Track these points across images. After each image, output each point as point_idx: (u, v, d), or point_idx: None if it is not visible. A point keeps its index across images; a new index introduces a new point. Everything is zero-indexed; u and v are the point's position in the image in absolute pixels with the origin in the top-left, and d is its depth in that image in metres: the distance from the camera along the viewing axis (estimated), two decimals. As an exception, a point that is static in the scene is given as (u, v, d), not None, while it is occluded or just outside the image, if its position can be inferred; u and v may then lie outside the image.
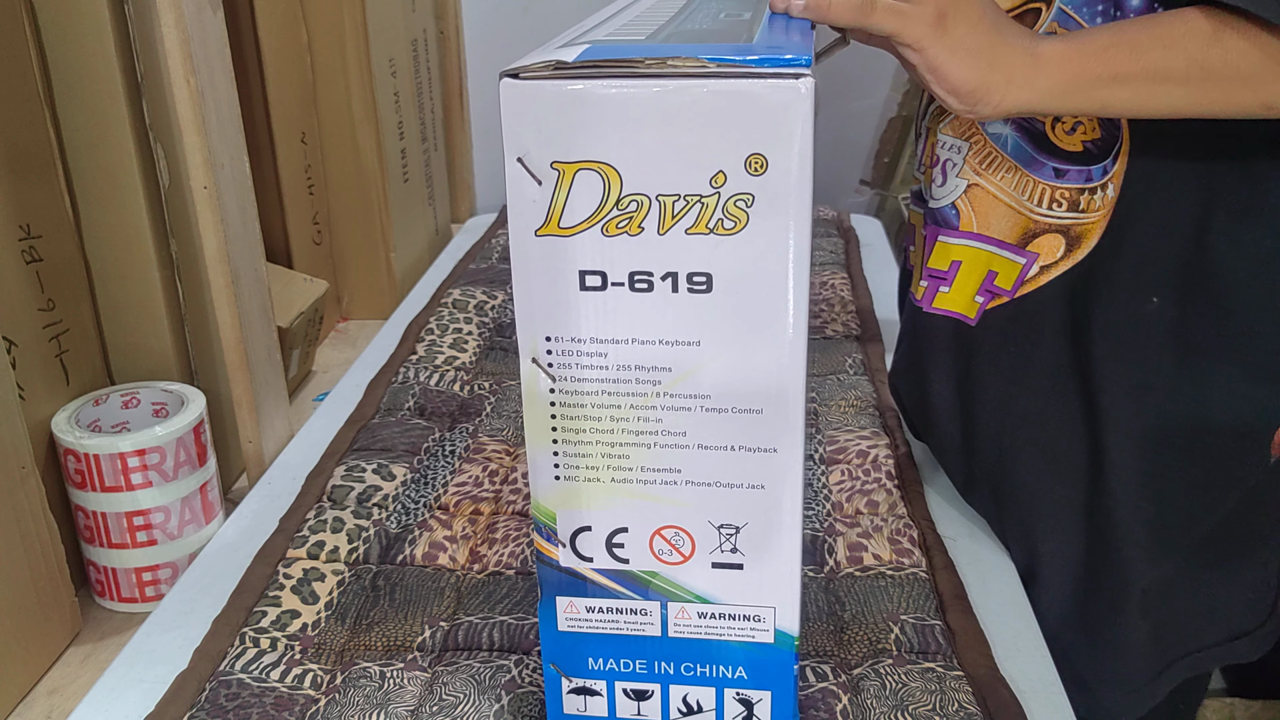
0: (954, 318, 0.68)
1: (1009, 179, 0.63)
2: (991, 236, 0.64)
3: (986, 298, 0.66)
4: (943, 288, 0.68)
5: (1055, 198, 0.61)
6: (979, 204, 0.64)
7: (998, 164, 0.63)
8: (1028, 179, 0.62)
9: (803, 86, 0.38)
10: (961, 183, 0.65)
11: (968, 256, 0.66)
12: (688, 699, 0.51)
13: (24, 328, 0.68)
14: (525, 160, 0.41)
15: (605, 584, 0.48)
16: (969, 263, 0.66)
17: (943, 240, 0.66)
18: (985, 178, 0.64)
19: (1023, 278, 0.64)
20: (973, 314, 0.67)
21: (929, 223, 0.68)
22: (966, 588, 0.66)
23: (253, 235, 0.81)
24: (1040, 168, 0.62)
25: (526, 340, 0.44)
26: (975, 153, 0.64)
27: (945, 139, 0.66)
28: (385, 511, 0.74)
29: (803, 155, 0.40)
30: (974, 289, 0.66)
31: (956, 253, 0.66)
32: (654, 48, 0.41)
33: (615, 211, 0.41)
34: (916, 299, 0.70)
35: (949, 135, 0.66)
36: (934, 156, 0.67)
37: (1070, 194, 0.61)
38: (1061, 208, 0.61)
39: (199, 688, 0.58)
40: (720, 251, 0.41)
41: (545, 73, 0.39)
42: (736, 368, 0.43)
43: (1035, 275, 0.63)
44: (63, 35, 0.70)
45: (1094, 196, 0.60)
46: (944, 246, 0.66)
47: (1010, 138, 0.62)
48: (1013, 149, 0.62)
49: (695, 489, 0.46)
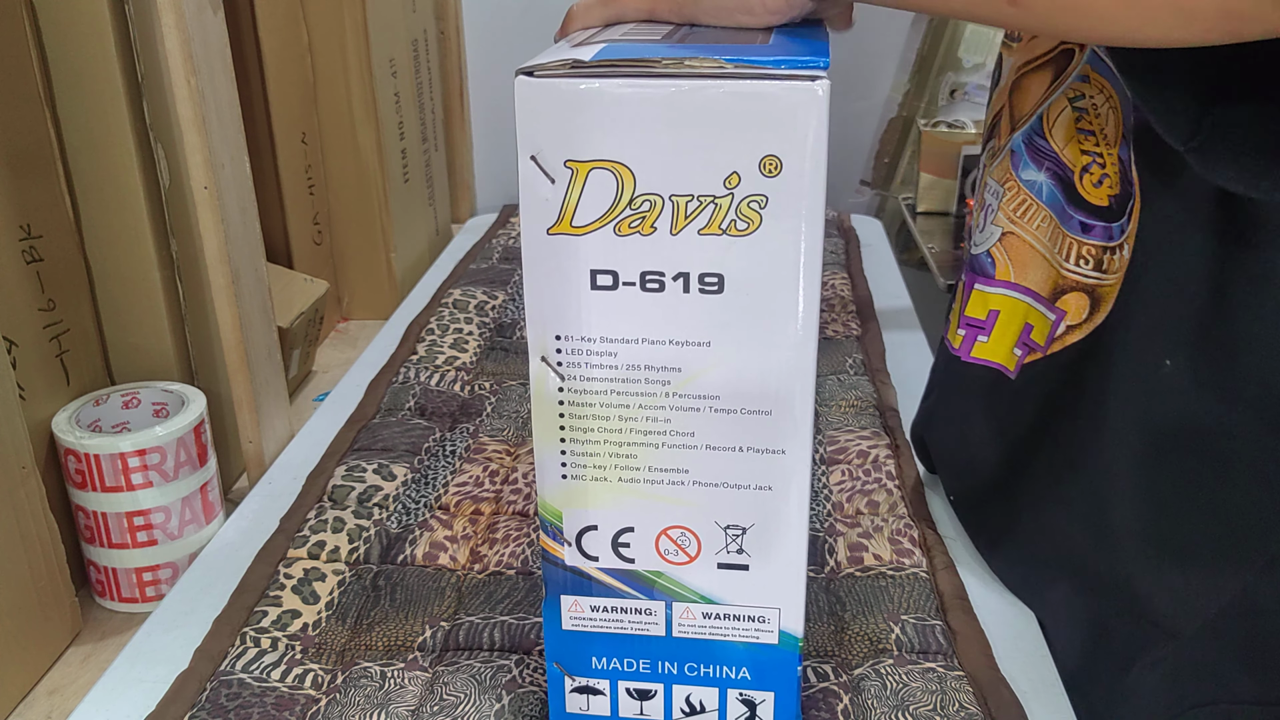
0: (994, 368, 0.65)
1: (1044, 229, 0.60)
2: (1028, 287, 0.62)
3: (1024, 350, 0.63)
4: (981, 337, 0.65)
5: (1082, 254, 0.58)
6: (1014, 253, 0.62)
7: (1032, 212, 0.60)
8: (1059, 231, 0.59)
9: (819, 88, 0.38)
10: (997, 230, 0.62)
11: (1006, 307, 0.63)
12: (691, 699, 0.51)
13: (24, 328, 0.68)
14: (538, 159, 0.40)
15: (610, 583, 0.48)
16: (1007, 313, 0.63)
17: (979, 289, 0.64)
18: (1020, 226, 0.61)
19: (1052, 335, 0.60)
20: (1012, 365, 0.63)
21: (967, 269, 0.65)
22: (967, 588, 0.66)
23: (253, 235, 0.81)
24: (1069, 220, 0.59)
25: (536, 339, 0.44)
26: (1009, 199, 0.61)
27: (990, 183, 0.64)
28: (386, 511, 0.74)
29: (816, 157, 0.40)
30: (1012, 340, 0.63)
31: (994, 302, 0.63)
32: (671, 48, 0.41)
33: (628, 211, 0.41)
34: (954, 347, 0.66)
35: (993, 180, 0.63)
36: (981, 200, 0.65)
37: (1095, 251, 0.58)
38: (1088, 265, 0.58)
39: (199, 687, 0.58)
40: (732, 252, 0.41)
41: (561, 71, 0.39)
42: (746, 369, 0.43)
43: (1063, 334, 0.60)
44: (63, 35, 0.70)
45: (1114, 256, 0.57)
46: (981, 295, 0.64)
47: (1045, 185, 0.60)
48: (1048, 197, 0.60)
49: (702, 489, 0.46)
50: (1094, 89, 0.57)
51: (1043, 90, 0.60)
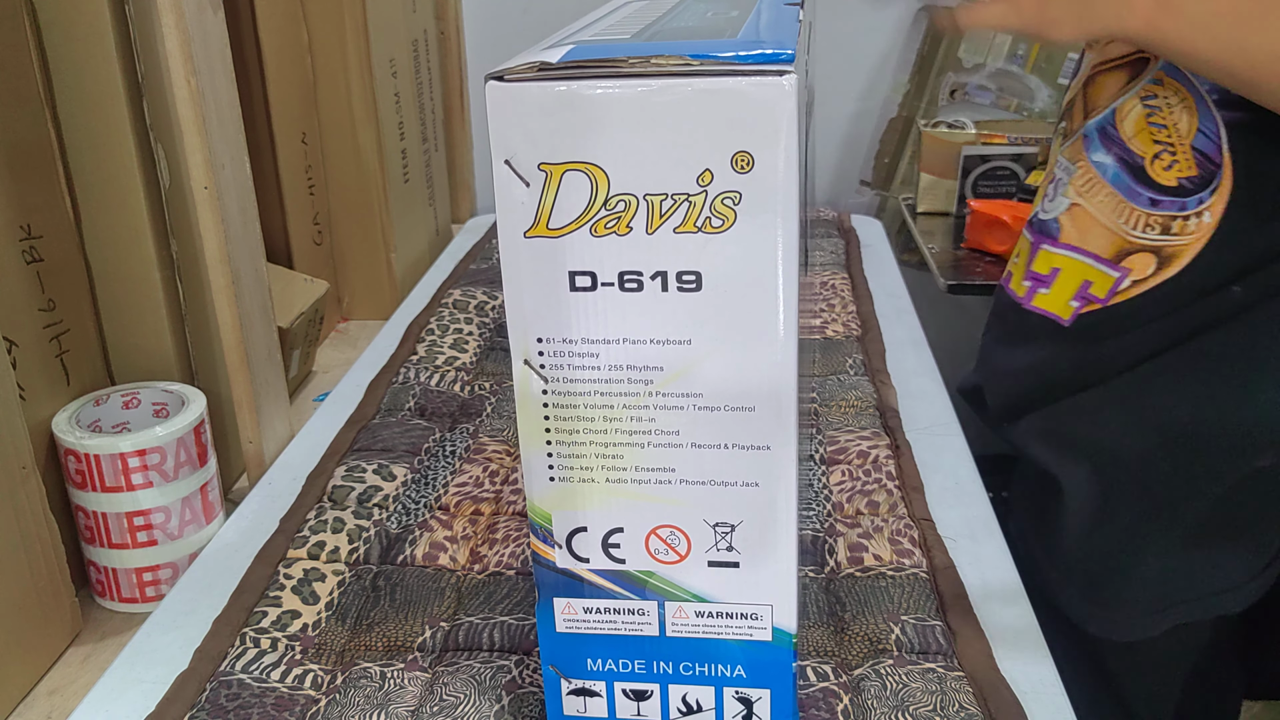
0: (1049, 317, 0.75)
1: (1107, 203, 0.70)
2: (1090, 250, 0.72)
3: (1081, 303, 0.73)
4: (1041, 289, 0.75)
5: (1149, 223, 0.69)
6: (1079, 221, 0.72)
7: (1097, 189, 0.71)
8: (1124, 205, 0.69)
9: (786, 83, 0.38)
10: (1065, 201, 0.73)
11: (1067, 265, 0.73)
12: (687, 698, 0.51)
13: (24, 328, 0.68)
14: (512, 162, 0.41)
15: (602, 584, 0.48)
16: (1067, 271, 0.73)
17: (1045, 249, 0.75)
18: (1086, 199, 0.72)
19: (1115, 289, 0.71)
20: (1067, 315, 0.74)
21: (1034, 230, 0.76)
22: (967, 588, 0.66)
23: (253, 235, 0.81)
24: (1137, 197, 0.69)
25: (518, 342, 0.44)
26: (1079, 176, 0.72)
27: (1061, 160, 0.74)
28: (386, 512, 0.75)
29: (789, 152, 0.40)
30: (1070, 294, 0.74)
31: (1057, 261, 0.74)
32: (637, 46, 0.41)
33: (603, 212, 0.41)
34: (1017, 296, 0.77)
35: (1064, 158, 0.74)
36: (1051, 173, 0.75)
37: (1163, 220, 0.68)
38: (1155, 231, 0.68)
39: (199, 688, 0.58)
40: (709, 250, 0.41)
41: (530, 74, 0.40)
42: (728, 365, 0.43)
43: (1127, 288, 0.71)
44: (63, 35, 0.70)
45: (1186, 222, 0.67)
46: (1046, 254, 0.74)
47: (1111, 168, 0.70)
48: (1113, 178, 0.70)
49: (690, 488, 0.46)
50: (1168, 91, 0.67)
51: (1118, 87, 0.70)
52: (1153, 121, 0.68)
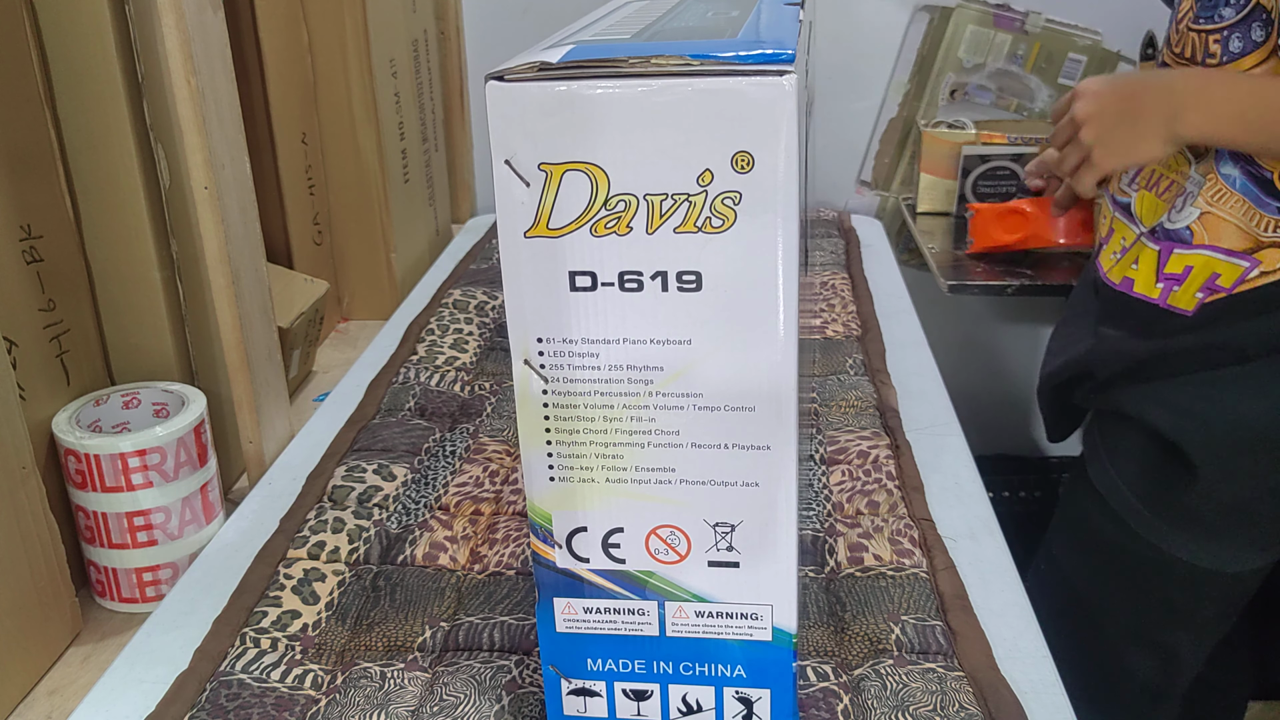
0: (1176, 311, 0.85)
1: (1237, 209, 0.80)
2: (1223, 246, 0.82)
3: (1206, 294, 0.83)
4: (1175, 287, 0.84)
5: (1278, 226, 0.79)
6: (1210, 226, 0.82)
7: (1227, 198, 0.81)
8: (1254, 211, 0.80)
9: (786, 83, 0.38)
10: (1195, 211, 0.83)
11: (1199, 262, 0.83)
12: (687, 698, 0.51)
13: (24, 328, 0.68)
14: (512, 162, 0.41)
15: (602, 584, 0.48)
16: (1199, 267, 0.83)
17: (1178, 252, 0.84)
18: (1217, 208, 0.81)
19: (1243, 278, 0.81)
20: (1191, 306, 0.84)
21: (1162, 239, 0.85)
22: (967, 588, 0.66)
23: (253, 235, 0.81)
24: (1265, 205, 0.79)
25: (518, 342, 0.44)
26: (1209, 188, 0.82)
27: (1195, 175, 0.84)
28: (386, 512, 0.75)
29: (789, 151, 0.40)
30: (1197, 287, 0.83)
31: (1190, 260, 0.83)
32: (638, 46, 0.41)
33: (603, 212, 0.41)
34: (1152, 298, 0.87)
35: (1199, 174, 0.83)
36: (1181, 188, 0.85)
37: None
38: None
39: (199, 688, 0.58)
40: (709, 250, 0.41)
41: (530, 74, 0.40)
42: (728, 365, 0.43)
43: (1255, 277, 0.80)
44: (63, 35, 0.70)
45: None
46: (1180, 257, 0.84)
47: (1239, 179, 0.81)
48: (1240, 188, 0.80)
49: (690, 488, 0.46)
50: None
51: None
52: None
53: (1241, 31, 0.79)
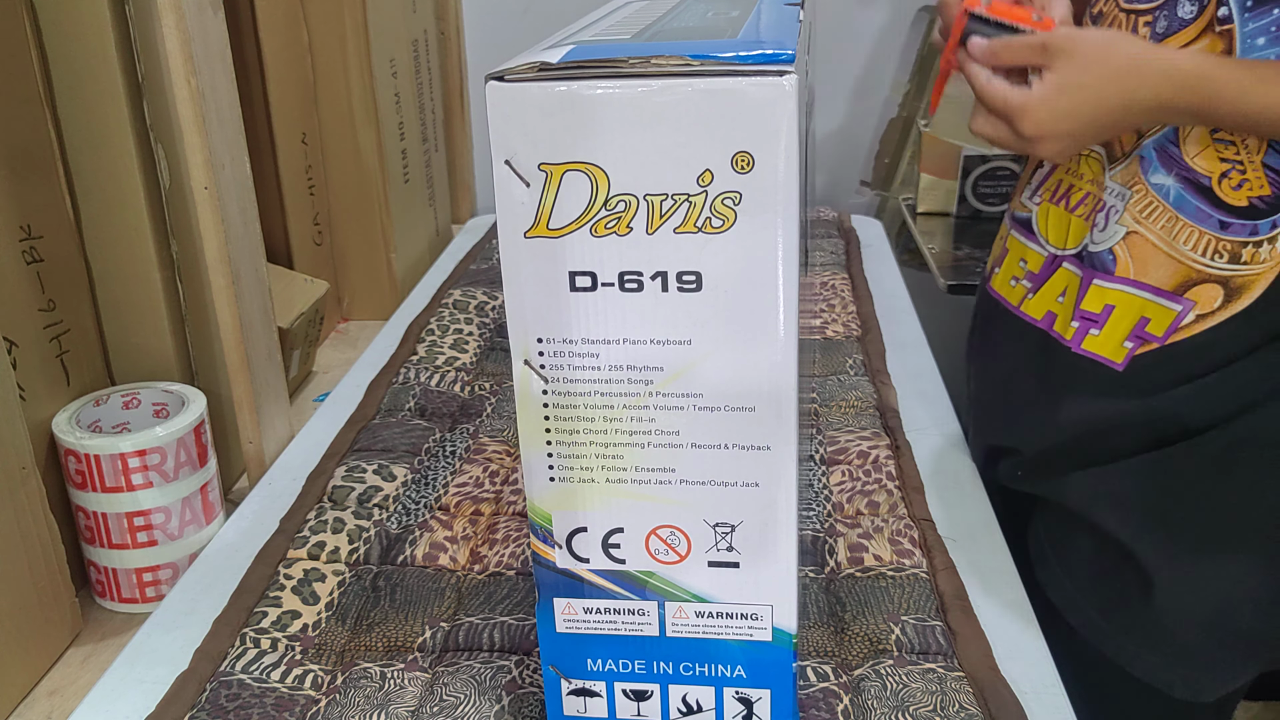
0: (1101, 361, 0.68)
1: (1169, 228, 0.64)
2: (1148, 283, 0.65)
3: (1135, 343, 0.67)
4: (1093, 330, 0.68)
5: (1217, 249, 0.63)
6: (1137, 250, 0.66)
7: (1159, 213, 0.65)
8: (1190, 229, 0.64)
9: (786, 83, 0.38)
10: (1121, 229, 0.66)
11: (1122, 302, 0.67)
12: (687, 698, 0.51)
13: (25, 328, 0.68)
14: (513, 162, 0.41)
15: (602, 585, 0.48)
16: (1122, 308, 0.67)
17: (1098, 284, 0.68)
18: (1145, 226, 0.65)
19: (1176, 325, 0.65)
20: (1120, 358, 0.67)
21: (1085, 265, 0.69)
22: (967, 588, 0.66)
23: (253, 236, 0.81)
24: (1206, 219, 0.63)
25: (518, 342, 0.44)
26: (1136, 201, 0.66)
27: (1113, 186, 0.68)
28: (386, 512, 0.74)
29: (789, 152, 0.40)
30: (1124, 334, 0.67)
31: (1111, 297, 0.67)
32: (638, 46, 0.41)
33: (603, 212, 0.41)
34: (1065, 339, 0.70)
35: (1116, 183, 0.67)
36: (1099, 201, 0.69)
37: (1233, 246, 0.62)
38: (1223, 259, 0.63)
39: (199, 688, 0.58)
40: (709, 250, 0.41)
41: (530, 75, 0.40)
42: (728, 366, 0.43)
43: (1190, 323, 0.64)
44: (64, 36, 0.70)
45: (1258, 249, 0.62)
46: (1099, 290, 0.68)
47: (1173, 189, 0.64)
48: (1175, 200, 0.64)
49: (690, 488, 0.46)
50: None
51: None
52: (1219, 138, 0.62)
53: (1169, 9, 0.65)
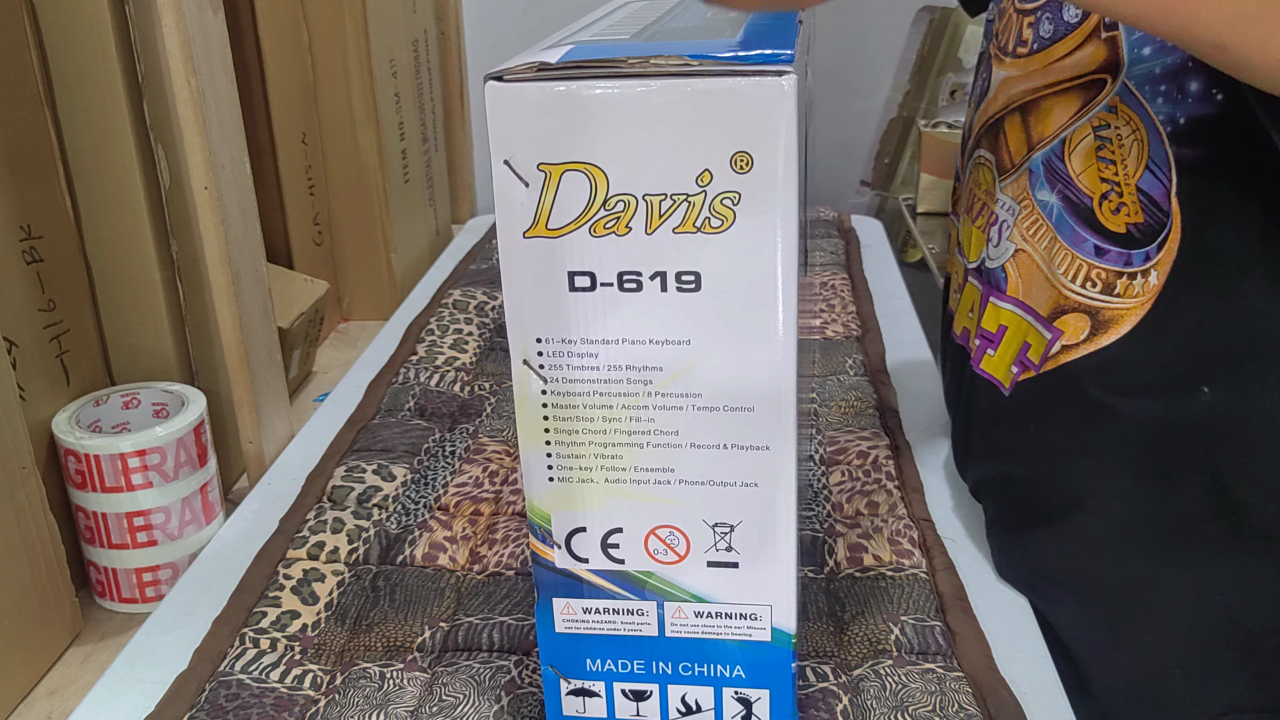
0: (994, 384, 0.66)
1: (1049, 249, 0.61)
2: (1031, 306, 0.63)
3: (1019, 369, 0.64)
4: (989, 350, 0.66)
5: (1090, 276, 0.59)
6: (1024, 270, 0.63)
7: (1041, 233, 0.62)
8: (1066, 252, 0.60)
9: (786, 83, 0.38)
10: (1010, 246, 0.64)
11: (1012, 323, 0.64)
12: (686, 699, 0.51)
13: (24, 328, 0.68)
14: (512, 162, 0.41)
15: (601, 585, 0.48)
16: (1012, 330, 0.64)
17: (993, 302, 0.66)
18: (1030, 244, 0.62)
19: (1046, 354, 0.61)
20: (1007, 382, 0.65)
21: (984, 282, 0.67)
22: (967, 589, 0.66)
23: (253, 236, 0.81)
24: (1082, 243, 0.59)
25: (517, 342, 0.44)
26: (1024, 218, 0.63)
27: (1004, 199, 0.65)
28: (385, 512, 0.75)
29: (788, 152, 0.40)
30: (1011, 358, 0.65)
31: (1004, 317, 0.65)
32: (637, 46, 0.41)
33: (603, 212, 0.41)
34: (971, 355, 0.69)
35: (1008, 196, 0.65)
36: (992, 215, 0.66)
37: (1107, 275, 0.58)
38: (1095, 288, 0.59)
39: (199, 688, 0.58)
40: (708, 250, 0.41)
41: (529, 75, 0.40)
42: (727, 366, 0.43)
43: (1057, 353, 0.61)
44: (63, 35, 0.70)
45: (1132, 282, 0.57)
46: (994, 309, 0.66)
47: (1056, 207, 0.60)
48: (1056, 219, 0.60)
49: (689, 488, 0.46)
50: (1120, 120, 0.57)
51: (1068, 116, 0.60)
52: (1103, 156, 0.58)
53: (1052, 11, 0.60)
